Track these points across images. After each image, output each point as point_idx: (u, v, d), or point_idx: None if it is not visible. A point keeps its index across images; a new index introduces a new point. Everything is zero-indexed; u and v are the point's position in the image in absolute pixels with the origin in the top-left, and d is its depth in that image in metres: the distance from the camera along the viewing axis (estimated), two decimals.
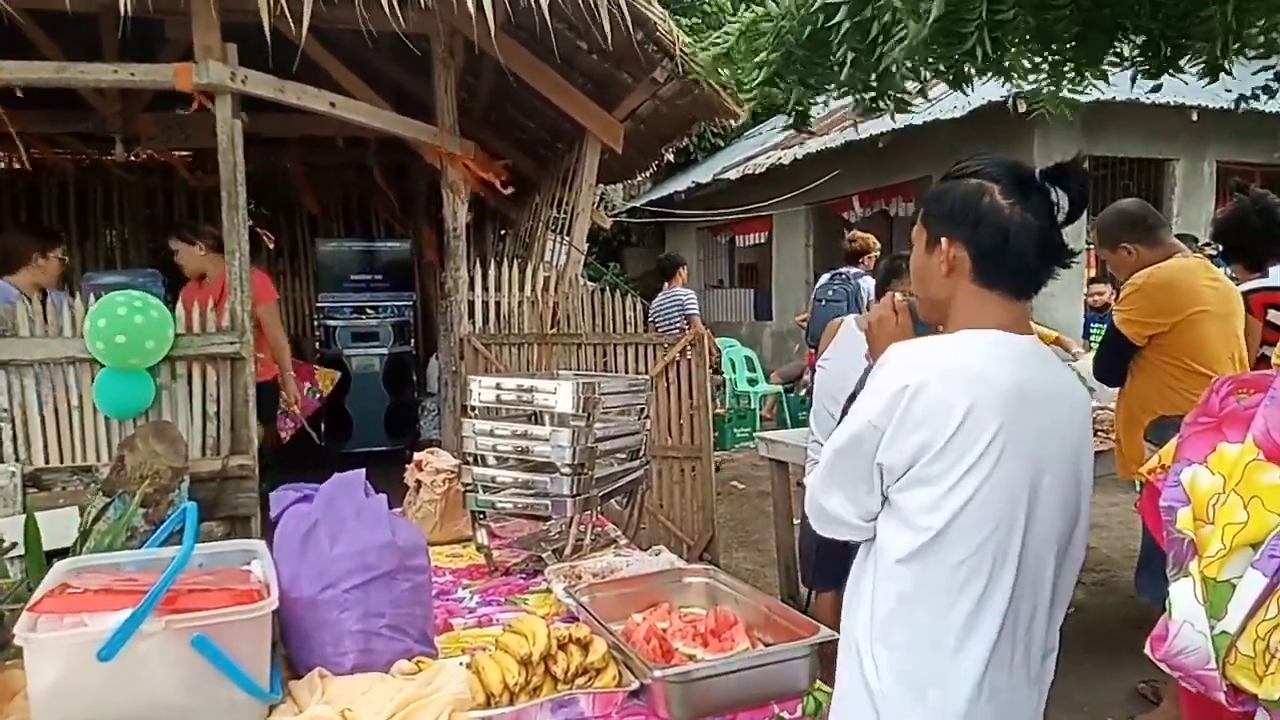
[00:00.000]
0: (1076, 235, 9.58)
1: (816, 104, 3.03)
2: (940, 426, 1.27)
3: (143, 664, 1.33)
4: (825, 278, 7.29)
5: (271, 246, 8.32)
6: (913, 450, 1.29)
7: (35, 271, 4.26)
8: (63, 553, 2.03)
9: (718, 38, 2.92)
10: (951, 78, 2.54)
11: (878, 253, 7.22)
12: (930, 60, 2.31)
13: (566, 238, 5.40)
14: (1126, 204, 3.35)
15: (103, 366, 3.65)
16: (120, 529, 2.69)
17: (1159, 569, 2.89)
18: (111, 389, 3.66)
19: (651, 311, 7.59)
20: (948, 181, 1.41)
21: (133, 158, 7.19)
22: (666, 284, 7.97)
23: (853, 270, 7.01)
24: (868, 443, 1.33)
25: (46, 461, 3.70)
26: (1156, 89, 2.67)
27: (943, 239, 1.39)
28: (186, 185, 8.12)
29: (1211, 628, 1.09)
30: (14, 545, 2.19)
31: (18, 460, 3.61)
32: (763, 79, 2.62)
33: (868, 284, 6.94)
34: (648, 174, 11.10)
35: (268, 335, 4.77)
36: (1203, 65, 2.47)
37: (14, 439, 3.66)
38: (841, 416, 1.45)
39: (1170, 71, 2.52)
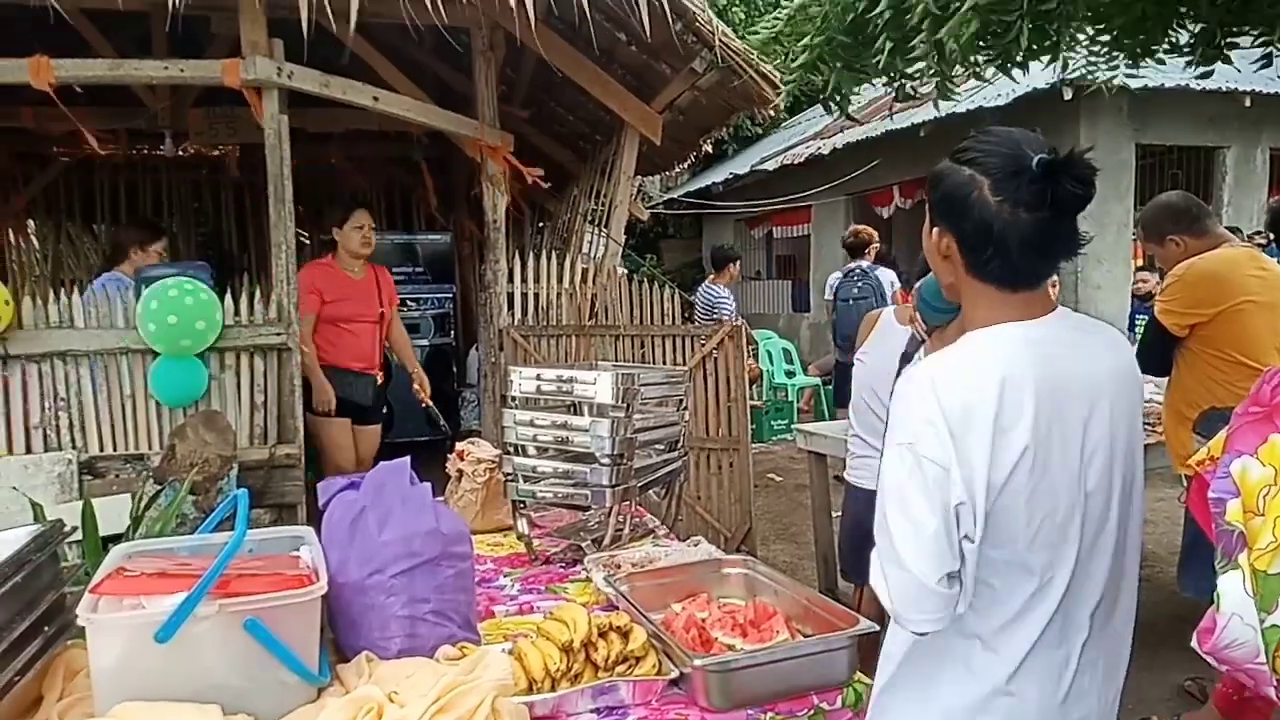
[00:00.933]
0: (1122, 225, 9.42)
1: (858, 92, 3.02)
2: (986, 404, 1.17)
3: (198, 645, 1.37)
4: (838, 276, 7.24)
5: (308, 242, 8.45)
6: (978, 468, 1.16)
7: (134, 264, 4.44)
8: (116, 539, 2.10)
9: (769, 21, 2.93)
10: (1000, 63, 2.51)
11: (878, 244, 7.23)
12: (981, 45, 2.27)
13: (604, 229, 5.42)
14: (1170, 196, 3.29)
15: (156, 356, 3.74)
16: (171, 515, 2.77)
17: (1201, 565, 2.85)
18: (167, 376, 3.76)
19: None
20: (945, 164, 1.33)
21: (181, 152, 7.35)
22: (713, 276, 7.94)
23: (865, 264, 6.99)
24: (937, 487, 1.16)
25: (101, 449, 3.80)
26: (1207, 75, 2.61)
27: (935, 227, 1.35)
28: (235, 179, 8.28)
29: (1262, 621, 1.07)
30: (74, 530, 2.26)
31: (74, 448, 3.72)
32: (803, 62, 2.62)
33: (888, 275, 6.89)
34: (685, 166, 11.08)
35: (394, 333, 5.03)
36: (1261, 52, 2.41)
37: (70, 427, 3.78)
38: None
39: (1224, 59, 2.46)
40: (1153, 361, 3.13)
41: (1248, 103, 8.25)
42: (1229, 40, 2.48)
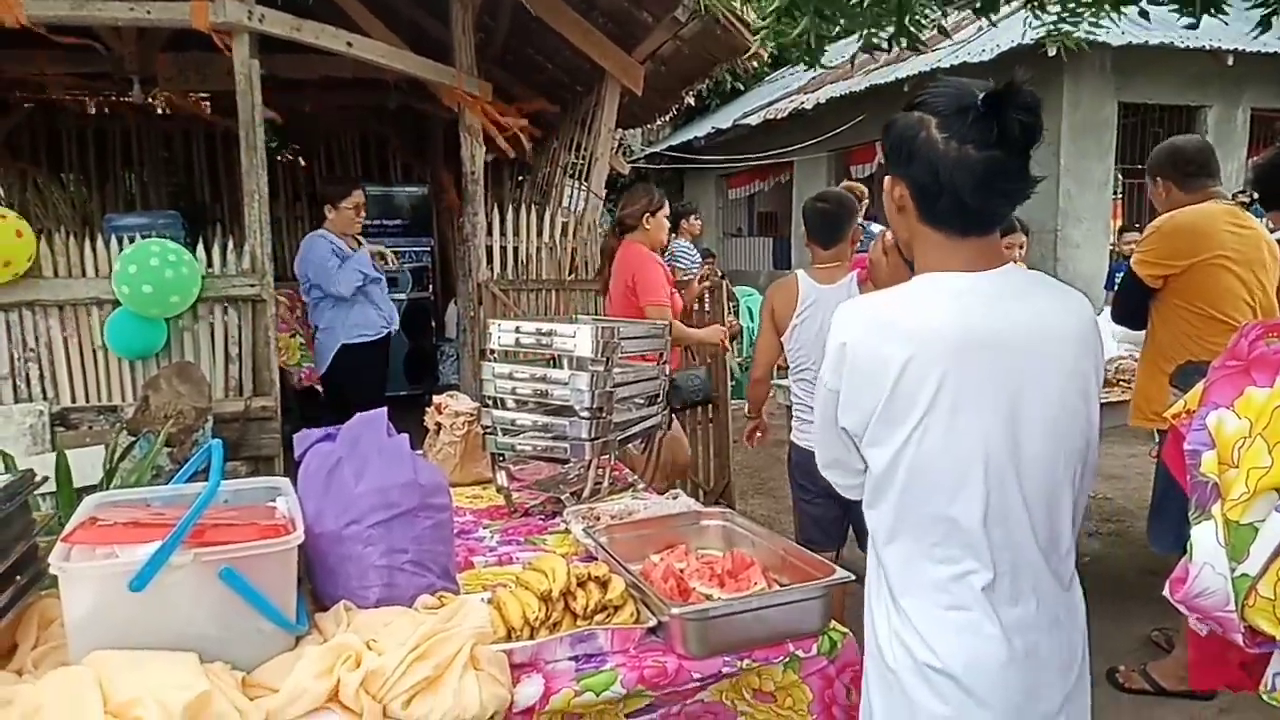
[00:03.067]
0: (1102, 184, 9.41)
1: (832, 40, 2.94)
2: (880, 382, 1.23)
3: (172, 595, 1.36)
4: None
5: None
6: (863, 411, 1.27)
7: (334, 224, 4.41)
8: (90, 490, 2.07)
9: None
10: (979, 5, 2.47)
11: (867, 199, 7.20)
12: None
13: (585, 183, 5.36)
14: (1184, 140, 3.25)
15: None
16: (145, 467, 2.74)
17: (1170, 519, 2.91)
18: (123, 329, 3.70)
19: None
20: (898, 114, 1.32)
21: (150, 99, 7.16)
22: (673, 235, 7.89)
23: (859, 220, 6.95)
24: (830, 406, 1.33)
25: (73, 401, 3.76)
26: (1192, 27, 2.58)
27: (888, 178, 1.33)
28: (207, 127, 8.09)
29: (1232, 570, 1.09)
30: (45, 480, 2.24)
31: (45, 399, 3.67)
32: (777, 6, 2.55)
33: (878, 229, 6.88)
34: (667, 119, 10.96)
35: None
36: (1260, 14, 2.37)
37: (41, 378, 3.72)
38: None
39: (1211, 11, 2.43)
40: (1127, 314, 3.15)
41: (1230, 61, 8.25)
42: None
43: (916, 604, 1.27)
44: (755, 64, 5.60)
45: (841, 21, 2.65)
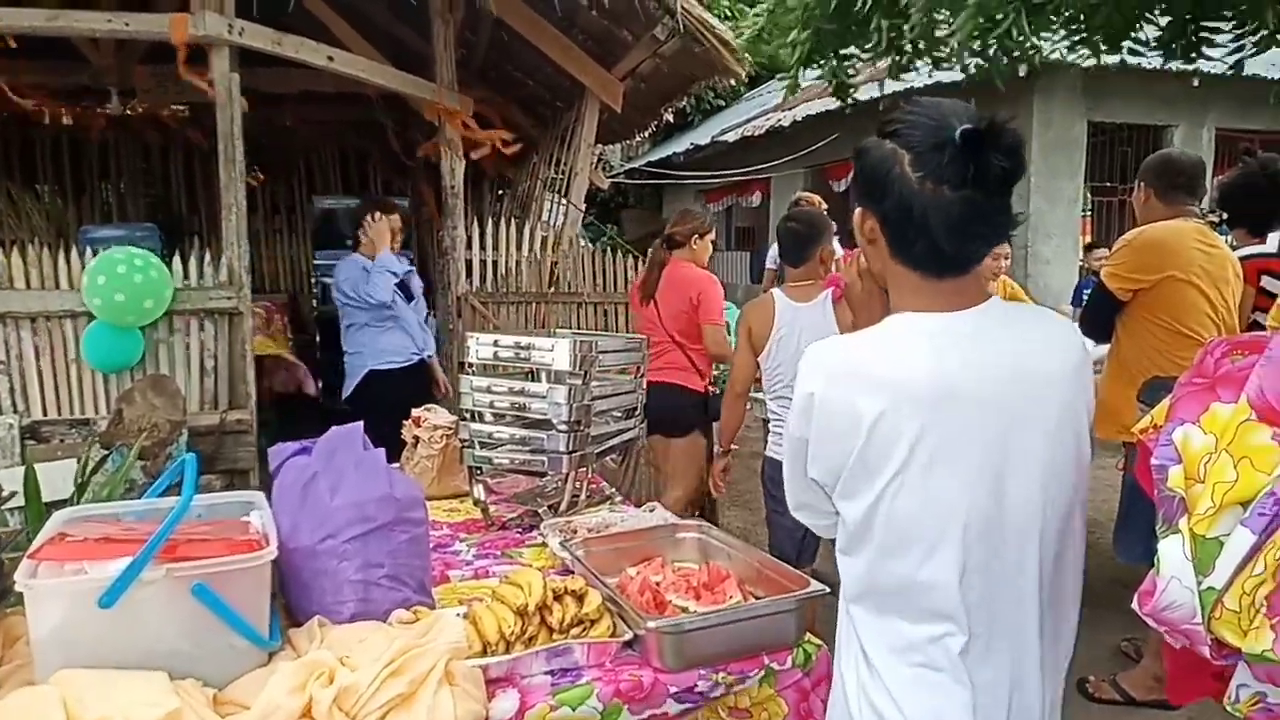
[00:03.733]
0: (1072, 201, 9.55)
1: (854, 72, 2.99)
2: (851, 436, 1.14)
3: (143, 611, 1.34)
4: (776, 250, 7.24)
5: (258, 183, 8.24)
6: (832, 464, 1.19)
7: (365, 246, 4.17)
8: (61, 504, 2.05)
9: (751, 19, 2.91)
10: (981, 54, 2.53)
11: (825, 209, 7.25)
12: (974, 34, 2.26)
13: (564, 197, 5.38)
14: (1180, 154, 3.34)
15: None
16: (118, 481, 2.71)
17: (1136, 531, 2.94)
18: (99, 342, 3.66)
19: None
20: (869, 139, 1.22)
21: (129, 111, 7.11)
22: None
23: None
24: (799, 456, 1.26)
25: (45, 414, 3.71)
26: (1191, 62, 2.64)
27: (858, 210, 1.24)
28: (185, 140, 8.04)
29: (1199, 583, 1.10)
30: (13, 495, 2.21)
31: (16, 412, 3.62)
32: (798, 59, 2.60)
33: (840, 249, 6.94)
34: (646, 135, 10.99)
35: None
36: (1233, 45, 2.44)
37: (11, 391, 3.67)
38: None
39: (1198, 54, 2.49)
40: (1095, 326, 3.19)
41: (1196, 83, 8.41)
42: (1201, 35, 2.51)
43: (887, 663, 1.19)
44: (734, 82, 5.63)
45: (864, 55, 2.69)
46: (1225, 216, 3.27)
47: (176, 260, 3.85)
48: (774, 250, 7.34)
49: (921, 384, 1.13)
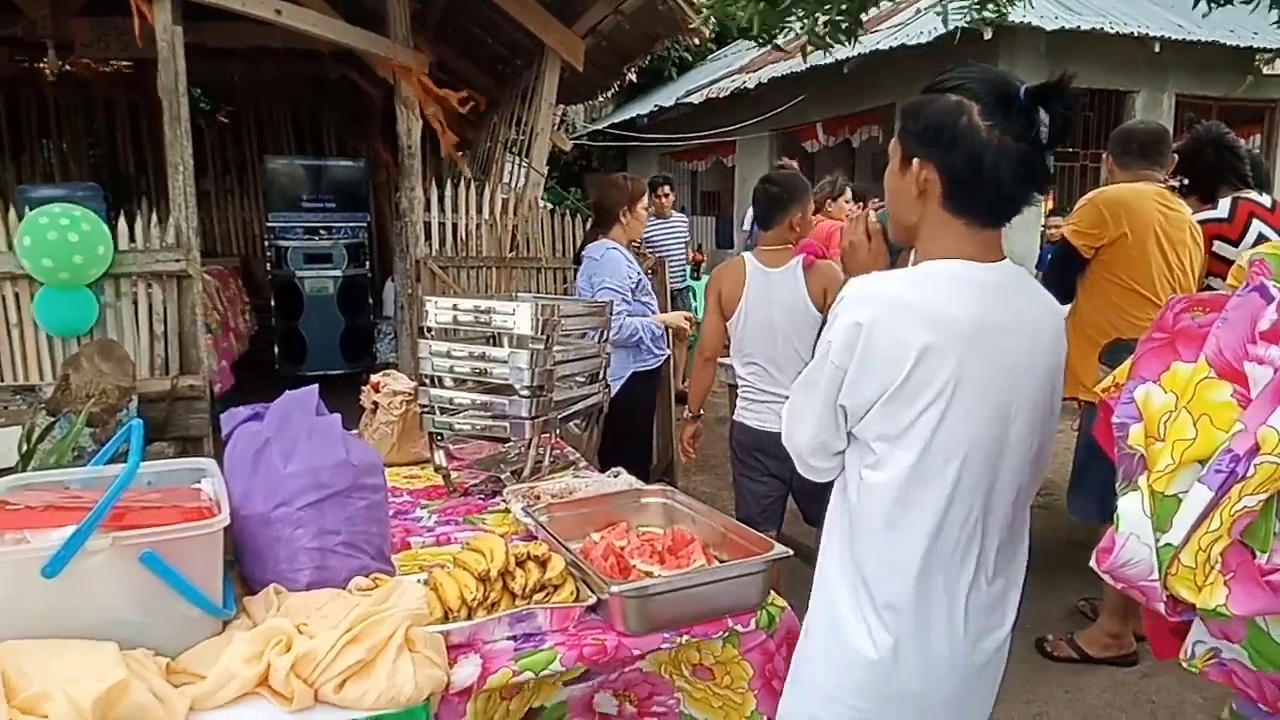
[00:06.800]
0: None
1: (780, 29, 2.94)
2: (896, 367, 1.23)
3: (90, 580, 1.30)
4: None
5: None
6: (872, 393, 1.26)
7: (626, 231, 3.68)
8: (6, 473, 1.97)
9: None
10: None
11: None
12: None
13: (526, 159, 5.29)
14: (1138, 124, 3.48)
15: (42, 284, 3.53)
16: (66, 448, 2.63)
17: (1090, 490, 3.00)
18: (52, 306, 3.55)
19: None
20: (926, 94, 1.30)
21: (67, 66, 6.84)
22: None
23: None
24: (833, 385, 1.30)
25: None
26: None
27: (915, 159, 1.30)
28: (129, 96, 7.78)
29: (1156, 540, 1.11)
30: None
31: None
32: (757, 19, 2.53)
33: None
34: (609, 96, 10.86)
35: None
36: None
37: None
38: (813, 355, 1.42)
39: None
40: (1058, 286, 3.22)
41: (1156, 48, 8.48)
42: None
43: (883, 577, 1.32)
44: (698, 42, 5.55)
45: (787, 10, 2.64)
46: (1185, 182, 3.31)
47: (122, 221, 3.72)
48: (750, 214, 7.29)
49: (964, 324, 1.24)
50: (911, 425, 1.25)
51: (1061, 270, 3.20)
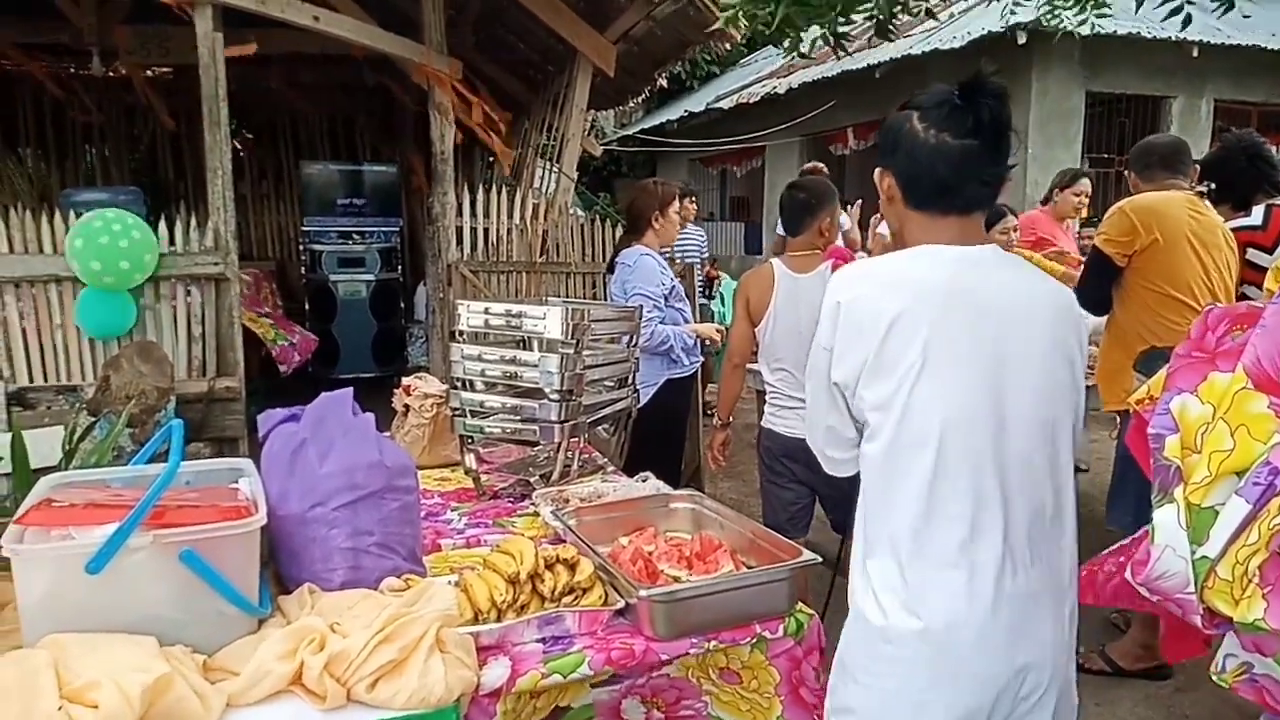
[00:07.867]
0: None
1: (804, 28, 2.92)
2: (872, 336, 1.30)
3: (131, 577, 1.33)
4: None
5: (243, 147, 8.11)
6: (856, 364, 1.33)
7: (659, 236, 3.69)
8: (49, 472, 2.02)
9: None
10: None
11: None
12: None
13: (556, 164, 5.32)
14: (1157, 137, 3.46)
15: (85, 286, 3.60)
16: (106, 448, 2.69)
17: (1128, 499, 2.96)
18: (92, 309, 3.62)
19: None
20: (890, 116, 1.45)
21: (111, 73, 6.99)
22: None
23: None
24: (823, 366, 1.39)
25: (31, 380, 3.67)
26: (1176, 11, 2.59)
27: (878, 170, 1.45)
28: (170, 102, 7.92)
29: (1192, 553, 1.10)
30: (0, 461, 2.18)
31: (1, 378, 3.58)
32: (777, 25, 2.53)
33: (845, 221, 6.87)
34: (639, 101, 10.89)
35: None
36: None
37: None
38: None
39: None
40: (1090, 297, 3.18)
41: (1195, 53, 8.34)
42: None
43: (893, 553, 1.32)
44: (729, 46, 5.55)
45: (816, 9, 2.63)
46: (1213, 187, 3.26)
47: (162, 225, 3.79)
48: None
49: (935, 290, 1.30)
50: (894, 393, 1.30)
51: (1095, 280, 3.16)
